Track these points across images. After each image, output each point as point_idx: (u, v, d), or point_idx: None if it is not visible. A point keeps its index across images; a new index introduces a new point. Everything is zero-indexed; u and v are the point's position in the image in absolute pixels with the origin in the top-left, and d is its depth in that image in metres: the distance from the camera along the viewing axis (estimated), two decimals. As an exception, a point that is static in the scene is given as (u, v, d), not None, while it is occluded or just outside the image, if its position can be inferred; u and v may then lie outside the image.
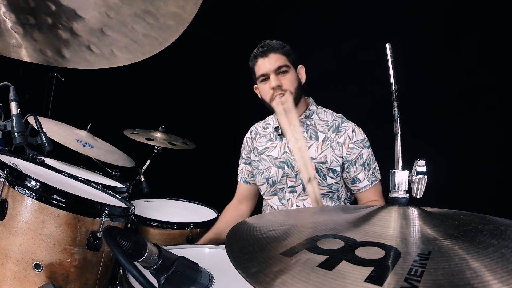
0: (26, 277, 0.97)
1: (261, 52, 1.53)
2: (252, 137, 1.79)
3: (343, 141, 1.53)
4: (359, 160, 1.52)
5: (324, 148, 1.53)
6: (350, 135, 1.54)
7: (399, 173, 0.66)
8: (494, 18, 2.08)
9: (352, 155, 1.52)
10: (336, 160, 1.52)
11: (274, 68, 1.50)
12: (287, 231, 0.59)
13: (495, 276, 0.39)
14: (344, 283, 0.41)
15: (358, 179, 1.53)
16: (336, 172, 1.52)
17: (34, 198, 0.98)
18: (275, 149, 1.65)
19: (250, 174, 1.79)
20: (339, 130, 1.56)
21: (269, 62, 1.51)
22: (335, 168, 1.51)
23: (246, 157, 1.81)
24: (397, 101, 0.69)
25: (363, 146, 1.53)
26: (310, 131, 1.58)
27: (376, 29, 2.37)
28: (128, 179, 1.92)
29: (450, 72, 2.21)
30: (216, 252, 1.36)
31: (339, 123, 1.58)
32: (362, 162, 1.52)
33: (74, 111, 2.69)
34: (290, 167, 1.58)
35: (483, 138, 2.10)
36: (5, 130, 1.20)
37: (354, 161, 1.52)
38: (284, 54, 1.53)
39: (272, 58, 1.51)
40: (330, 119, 1.61)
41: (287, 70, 1.52)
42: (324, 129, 1.57)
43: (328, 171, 1.51)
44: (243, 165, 1.82)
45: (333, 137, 1.55)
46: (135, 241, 0.77)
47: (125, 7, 0.92)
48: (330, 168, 1.51)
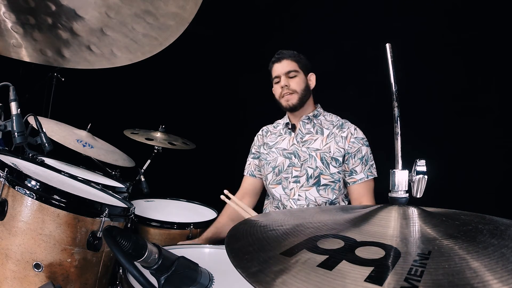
0: (26, 277, 0.97)
1: (276, 58, 1.78)
2: (263, 135, 1.95)
3: (346, 135, 1.71)
4: (358, 154, 1.68)
5: (329, 141, 1.72)
6: (352, 131, 1.72)
7: (399, 173, 0.66)
8: (494, 18, 2.08)
9: (353, 148, 1.68)
10: (339, 150, 1.68)
11: (285, 71, 1.74)
12: (287, 231, 0.59)
13: (495, 276, 0.39)
14: (344, 283, 0.41)
15: (355, 171, 1.67)
16: (338, 162, 1.68)
17: (34, 198, 0.98)
18: (283, 142, 1.82)
19: (257, 167, 1.92)
20: (343, 127, 1.75)
21: (281, 66, 1.75)
22: (338, 158, 1.68)
23: (255, 151, 1.95)
24: (397, 101, 0.69)
25: (362, 143, 1.70)
26: (316, 127, 1.78)
27: (376, 29, 2.37)
28: (128, 179, 1.92)
29: (450, 72, 2.21)
30: (216, 252, 1.36)
31: (343, 123, 1.78)
32: (361, 157, 1.68)
33: (74, 111, 2.69)
34: (297, 157, 1.73)
35: (483, 138, 2.10)
36: (5, 130, 1.20)
37: (354, 154, 1.68)
38: (295, 61, 1.76)
39: (284, 63, 1.75)
40: (335, 120, 1.81)
41: (296, 74, 1.74)
42: (329, 127, 1.77)
43: (331, 160, 1.68)
44: (251, 160, 1.96)
45: (337, 132, 1.73)
46: (135, 241, 0.77)
47: (125, 7, 0.92)
48: (333, 157, 1.68)
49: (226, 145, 3.35)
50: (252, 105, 3.29)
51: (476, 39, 2.13)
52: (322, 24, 2.75)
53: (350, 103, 1.81)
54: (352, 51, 2.53)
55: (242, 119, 3.30)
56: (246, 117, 3.20)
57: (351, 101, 2.42)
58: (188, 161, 3.27)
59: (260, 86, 3.30)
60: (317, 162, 1.67)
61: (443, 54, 2.25)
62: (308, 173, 1.68)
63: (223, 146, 3.37)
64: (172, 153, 2.49)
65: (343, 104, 1.83)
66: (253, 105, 3.29)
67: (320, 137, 1.73)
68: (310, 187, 1.67)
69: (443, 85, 2.24)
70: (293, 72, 1.73)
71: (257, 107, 3.20)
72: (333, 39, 2.59)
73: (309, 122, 1.78)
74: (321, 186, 1.66)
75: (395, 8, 2.40)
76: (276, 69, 1.77)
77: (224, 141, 3.38)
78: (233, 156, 3.07)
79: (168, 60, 3.31)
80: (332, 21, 2.70)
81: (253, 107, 3.27)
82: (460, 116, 2.19)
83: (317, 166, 1.67)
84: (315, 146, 1.71)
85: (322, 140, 1.72)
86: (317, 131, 1.76)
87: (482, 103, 2.14)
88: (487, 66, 2.11)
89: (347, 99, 1.78)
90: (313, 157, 1.68)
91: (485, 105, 2.13)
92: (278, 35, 3.07)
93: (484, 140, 2.10)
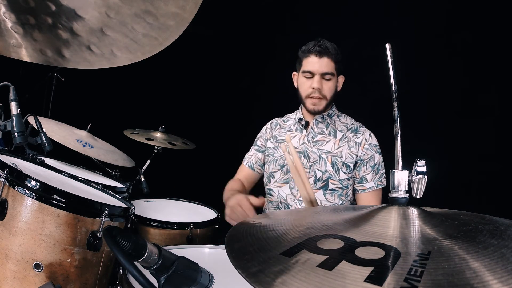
0: (26, 277, 0.97)
1: (317, 51, 1.57)
2: (272, 128, 1.85)
3: (360, 142, 1.64)
4: (370, 162, 1.63)
5: (341, 145, 1.65)
6: (367, 137, 1.66)
7: (399, 173, 0.66)
8: (494, 18, 2.08)
9: (366, 155, 1.63)
10: (351, 156, 1.62)
11: (322, 72, 1.58)
12: (287, 231, 0.59)
13: (495, 276, 0.39)
14: (344, 283, 0.41)
15: (365, 179, 1.63)
16: (349, 168, 1.61)
17: (34, 198, 0.98)
18: (293, 139, 1.72)
19: (258, 161, 1.84)
20: (357, 132, 1.68)
21: (320, 64, 1.57)
22: (349, 164, 1.61)
23: (261, 144, 1.86)
24: (397, 101, 0.68)
25: (376, 150, 1.65)
26: (329, 128, 1.70)
27: (376, 29, 2.37)
28: (128, 179, 1.92)
29: (450, 72, 2.21)
30: (216, 252, 1.36)
31: (358, 127, 1.71)
32: (373, 165, 1.63)
33: (74, 111, 2.69)
34: (306, 157, 1.65)
35: (483, 138, 2.10)
36: (5, 130, 1.20)
37: (366, 161, 1.63)
38: (335, 62, 1.60)
39: (324, 61, 1.57)
40: (349, 122, 1.74)
41: (331, 78, 1.61)
42: (343, 129, 1.70)
43: (342, 165, 1.61)
44: (254, 151, 1.87)
45: (351, 137, 1.66)
46: (135, 241, 0.76)
47: (125, 7, 0.92)
48: (344, 162, 1.61)
49: (226, 145, 3.35)
50: (252, 105, 3.29)
51: (476, 39, 2.13)
52: (322, 24, 2.75)
53: (350, 103, 1.81)
54: (352, 51, 2.53)
55: (242, 119, 3.30)
56: (246, 117, 3.20)
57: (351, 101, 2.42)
58: (188, 161, 3.27)
59: (260, 86, 3.30)
60: (327, 166, 1.60)
61: (443, 54, 2.25)
62: (316, 176, 1.61)
63: (223, 146, 3.37)
64: (172, 153, 2.49)
65: (343, 104, 1.83)
66: (253, 105, 3.29)
67: (332, 139, 1.66)
68: (317, 190, 1.62)
69: (443, 85, 2.24)
70: (330, 75, 1.59)
71: (257, 107, 3.20)
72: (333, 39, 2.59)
73: (323, 121, 1.70)
74: (328, 190, 1.61)
75: (395, 8, 2.40)
76: (312, 62, 1.58)
77: (224, 141, 3.38)
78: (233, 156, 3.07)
79: (168, 60, 3.31)
80: (332, 21, 2.70)
81: (253, 107, 3.27)
82: (460, 116, 2.19)
83: (327, 170, 1.60)
84: (326, 148, 1.64)
85: (335, 143, 1.64)
86: (330, 132, 1.68)
87: (482, 103, 2.14)
88: (487, 66, 2.11)
89: (347, 99, 1.79)
90: (324, 159, 1.62)
91: (485, 105, 2.13)
92: (278, 35, 3.07)
93: (484, 140, 2.10)
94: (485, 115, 2.13)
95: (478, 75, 2.14)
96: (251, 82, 3.30)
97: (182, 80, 3.55)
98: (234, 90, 3.41)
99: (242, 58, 3.32)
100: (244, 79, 3.33)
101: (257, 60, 3.23)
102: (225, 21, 3.33)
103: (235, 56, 3.38)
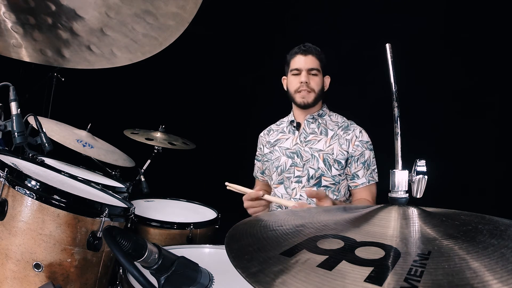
0: (26, 277, 0.97)
1: (302, 50, 1.71)
2: (266, 133, 1.95)
3: (350, 138, 1.70)
4: (361, 158, 1.68)
5: (332, 142, 1.70)
6: (357, 134, 1.71)
7: (399, 173, 0.66)
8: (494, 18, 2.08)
9: (356, 151, 1.68)
10: (342, 153, 1.67)
11: (308, 67, 1.69)
12: (287, 231, 0.59)
13: (495, 276, 0.39)
14: (344, 283, 0.41)
15: (357, 175, 1.68)
16: (340, 164, 1.66)
17: (34, 198, 0.98)
18: (287, 141, 1.80)
19: (259, 170, 1.96)
20: (348, 129, 1.73)
21: (305, 60, 1.69)
22: (340, 160, 1.67)
23: (258, 154, 1.97)
24: (397, 101, 0.68)
25: (366, 147, 1.70)
26: (321, 128, 1.76)
27: (376, 29, 2.37)
28: (128, 179, 1.92)
29: (450, 72, 2.21)
30: (216, 252, 1.36)
31: (348, 124, 1.76)
32: (363, 161, 1.68)
33: (74, 111, 2.69)
34: (299, 157, 1.71)
35: (483, 138, 2.10)
36: (5, 130, 1.20)
37: (357, 158, 1.68)
38: (319, 60, 1.72)
39: (309, 58, 1.70)
40: (340, 120, 1.79)
41: (317, 73, 1.71)
42: (334, 128, 1.75)
43: (334, 162, 1.66)
44: (255, 162, 2.00)
45: (342, 134, 1.71)
46: (135, 241, 0.76)
47: (125, 7, 0.92)
48: (336, 159, 1.67)
49: (226, 145, 3.35)
50: (252, 105, 3.29)
51: (476, 39, 2.13)
52: (323, 23, 2.75)
53: (350, 103, 1.81)
54: (352, 51, 2.53)
55: (242, 119, 3.30)
56: (246, 117, 3.20)
57: (351, 101, 2.42)
58: (188, 161, 3.27)
59: (260, 86, 3.30)
60: (319, 163, 1.66)
61: (443, 54, 2.25)
62: (309, 174, 1.67)
63: (223, 146, 3.37)
64: (172, 153, 2.49)
65: (343, 104, 1.83)
66: (253, 105, 3.29)
67: (324, 138, 1.72)
68: (310, 187, 1.67)
69: (443, 85, 2.24)
70: (316, 70, 1.69)
71: (257, 107, 3.20)
72: (333, 39, 2.59)
73: (314, 121, 1.76)
74: (321, 187, 1.66)
75: (395, 8, 2.40)
76: (298, 61, 1.70)
77: (224, 141, 3.38)
78: (233, 156, 3.07)
79: (168, 60, 3.31)
80: (332, 21, 2.71)
81: (253, 107, 3.27)
82: (460, 116, 2.19)
83: (319, 167, 1.66)
84: (318, 146, 1.70)
85: (326, 141, 1.70)
86: (322, 131, 1.74)
87: (482, 103, 2.14)
88: (487, 66, 2.11)
89: (347, 99, 1.79)
90: (316, 157, 1.67)
91: (485, 105, 2.13)
92: (278, 35, 3.07)
93: (484, 140, 2.10)
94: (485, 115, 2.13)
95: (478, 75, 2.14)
96: (251, 82, 3.30)
97: (182, 80, 3.55)
98: (234, 90, 3.41)
99: (242, 58, 3.32)
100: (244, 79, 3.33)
101: (257, 60, 3.23)
102: (225, 21, 3.33)
103: (235, 56, 3.38)
